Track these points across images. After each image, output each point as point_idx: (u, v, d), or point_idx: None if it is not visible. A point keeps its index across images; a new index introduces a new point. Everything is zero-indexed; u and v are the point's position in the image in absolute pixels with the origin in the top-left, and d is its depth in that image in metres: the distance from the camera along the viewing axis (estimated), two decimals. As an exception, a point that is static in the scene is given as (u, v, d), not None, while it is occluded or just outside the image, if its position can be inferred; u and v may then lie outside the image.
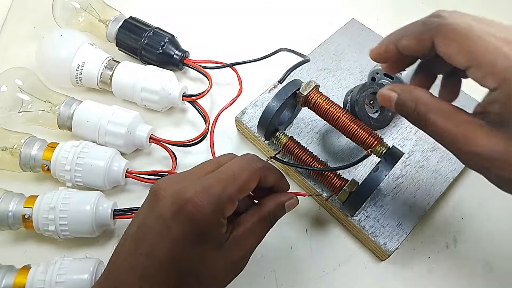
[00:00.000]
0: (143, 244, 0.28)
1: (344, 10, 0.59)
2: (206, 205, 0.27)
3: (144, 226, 0.28)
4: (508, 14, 0.62)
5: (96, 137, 0.43)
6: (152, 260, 0.27)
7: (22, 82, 0.44)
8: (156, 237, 0.27)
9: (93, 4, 0.51)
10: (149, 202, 0.29)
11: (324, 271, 0.40)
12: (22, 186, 0.41)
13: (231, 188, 0.28)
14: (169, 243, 0.27)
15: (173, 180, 0.30)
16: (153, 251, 0.27)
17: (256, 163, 0.30)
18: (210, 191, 0.27)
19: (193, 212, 0.27)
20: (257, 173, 0.30)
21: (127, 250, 0.28)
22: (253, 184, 0.30)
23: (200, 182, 0.28)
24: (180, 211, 0.27)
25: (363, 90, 0.41)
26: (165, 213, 0.27)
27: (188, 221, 0.27)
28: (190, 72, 0.53)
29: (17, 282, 0.34)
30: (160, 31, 0.50)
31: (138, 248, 0.28)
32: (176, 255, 0.27)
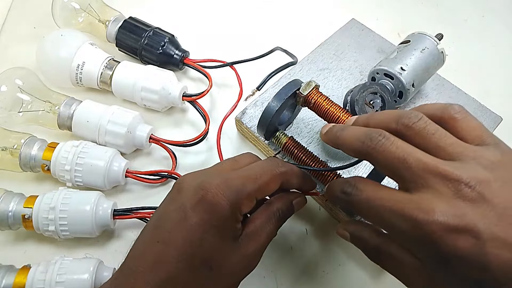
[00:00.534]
0: (161, 233, 0.28)
1: (344, 10, 0.59)
2: (225, 198, 0.28)
3: (164, 216, 0.29)
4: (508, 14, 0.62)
5: (96, 137, 0.43)
6: (168, 247, 0.28)
7: (22, 82, 0.44)
8: (174, 225, 0.28)
9: (93, 4, 0.51)
10: (172, 194, 0.30)
11: (324, 271, 0.40)
12: (22, 186, 0.41)
13: (250, 186, 0.29)
14: (186, 231, 0.28)
15: (196, 174, 0.31)
16: (170, 238, 0.28)
17: (279, 168, 0.31)
18: (230, 185, 0.28)
19: (212, 203, 0.28)
20: (279, 178, 0.31)
21: (145, 239, 0.29)
22: (273, 186, 0.31)
23: (222, 175, 0.29)
24: (200, 201, 0.28)
25: (363, 90, 0.41)
26: (186, 203, 0.28)
27: (207, 211, 0.28)
28: (190, 72, 0.53)
29: (17, 282, 0.34)
30: (160, 31, 0.50)
31: (156, 236, 0.28)
32: (192, 243, 0.28)
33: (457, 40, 0.58)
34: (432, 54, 0.43)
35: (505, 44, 0.59)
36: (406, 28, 0.57)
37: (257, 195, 0.30)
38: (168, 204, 0.30)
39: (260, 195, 0.30)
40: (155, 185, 0.44)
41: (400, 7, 0.62)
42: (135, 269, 0.28)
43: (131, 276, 0.28)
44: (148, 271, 0.27)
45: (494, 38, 0.59)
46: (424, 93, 0.49)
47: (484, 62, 0.57)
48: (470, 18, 0.61)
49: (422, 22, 0.60)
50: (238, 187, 0.28)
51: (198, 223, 0.28)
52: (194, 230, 0.28)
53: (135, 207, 0.40)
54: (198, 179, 0.30)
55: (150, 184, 0.44)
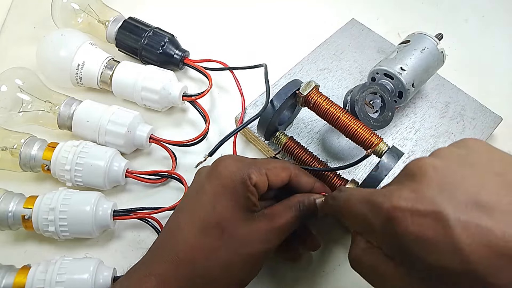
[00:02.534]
0: (182, 207, 0.33)
1: (344, 10, 0.59)
2: (234, 165, 0.31)
3: (186, 195, 0.34)
4: (508, 14, 0.62)
5: (96, 137, 0.43)
6: (185, 215, 0.31)
7: (22, 82, 0.44)
8: (193, 197, 0.32)
9: (92, 5, 0.51)
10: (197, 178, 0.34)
11: (324, 271, 0.40)
12: (22, 186, 0.41)
13: (260, 163, 0.32)
14: (202, 198, 0.31)
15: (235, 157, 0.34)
16: (188, 208, 0.32)
17: (288, 163, 0.35)
18: (242, 159, 0.33)
19: (222, 170, 0.31)
20: (288, 168, 0.34)
21: (169, 220, 0.33)
22: (283, 174, 0.33)
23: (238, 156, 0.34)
24: (212, 171, 0.32)
25: (363, 90, 0.41)
26: (202, 178, 0.32)
27: (217, 177, 0.31)
28: (190, 72, 0.53)
29: (17, 282, 0.34)
30: (160, 31, 0.50)
31: (177, 212, 0.33)
32: (204, 207, 0.31)
33: (457, 40, 0.58)
34: (432, 54, 0.43)
35: (505, 44, 0.59)
36: (406, 28, 0.57)
37: (268, 174, 0.32)
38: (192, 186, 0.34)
39: (271, 176, 0.32)
40: (155, 185, 0.44)
41: (400, 7, 0.62)
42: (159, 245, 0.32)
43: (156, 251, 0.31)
44: (168, 242, 0.31)
45: (494, 38, 0.59)
46: (424, 93, 0.49)
47: (484, 62, 0.57)
48: (470, 18, 0.61)
49: (422, 22, 0.60)
50: (248, 161, 0.32)
51: (211, 190, 0.31)
52: (208, 196, 0.31)
53: (135, 207, 0.40)
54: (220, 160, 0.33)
55: (150, 184, 0.44)
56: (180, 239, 0.30)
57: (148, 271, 0.29)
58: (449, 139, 0.46)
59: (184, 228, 0.31)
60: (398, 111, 0.47)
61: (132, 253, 0.40)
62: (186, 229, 0.30)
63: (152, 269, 0.30)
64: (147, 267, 0.30)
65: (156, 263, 0.30)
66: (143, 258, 0.32)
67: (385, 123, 0.41)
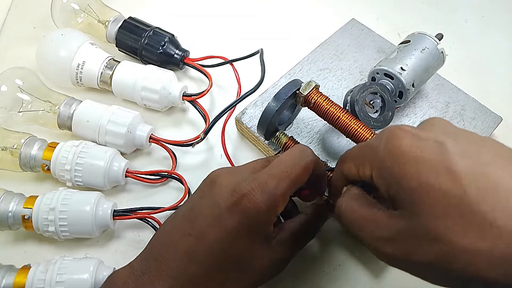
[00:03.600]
0: (194, 226, 0.29)
1: (344, 10, 0.59)
2: (261, 202, 0.28)
3: (197, 210, 0.30)
4: (508, 14, 0.62)
5: (96, 137, 0.43)
6: (200, 242, 0.28)
7: (22, 82, 0.44)
8: (208, 222, 0.29)
9: (92, 5, 0.51)
10: (204, 188, 0.31)
11: (324, 271, 0.40)
12: (22, 186, 0.41)
13: (283, 184, 0.29)
14: (220, 231, 0.28)
15: (229, 170, 0.32)
16: (204, 234, 0.29)
17: (308, 157, 0.31)
18: (265, 188, 0.29)
19: (249, 208, 0.28)
20: (310, 166, 0.31)
21: (175, 229, 0.30)
22: (305, 177, 0.31)
23: (255, 177, 0.29)
24: (236, 204, 0.28)
25: (363, 90, 0.41)
26: (221, 202, 0.29)
27: (243, 215, 0.28)
28: (190, 72, 0.53)
29: (17, 282, 0.34)
30: (160, 31, 0.50)
31: (188, 228, 0.29)
32: (224, 242, 0.28)
33: (457, 40, 0.58)
34: (432, 54, 0.43)
35: (505, 44, 0.59)
36: (406, 28, 0.57)
37: (291, 191, 0.30)
38: (201, 198, 0.30)
39: (294, 190, 0.30)
40: (155, 185, 0.44)
41: (400, 7, 0.62)
42: (168, 258, 0.29)
43: (162, 264, 0.29)
44: (180, 263, 0.28)
45: (494, 38, 0.59)
46: (424, 93, 0.49)
47: (484, 62, 0.57)
48: (470, 18, 0.61)
49: (422, 22, 0.60)
50: (273, 190, 0.29)
51: (233, 227, 0.28)
52: (228, 231, 0.28)
53: (135, 208, 0.40)
54: (233, 177, 0.30)
55: (150, 184, 0.44)
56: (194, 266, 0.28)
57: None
58: (449, 139, 0.46)
59: (200, 256, 0.28)
60: (398, 111, 0.47)
61: (132, 253, 0.40)
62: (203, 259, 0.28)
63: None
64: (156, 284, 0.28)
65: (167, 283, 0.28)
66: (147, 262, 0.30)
67: (385, 123, 0.41)
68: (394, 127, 0.25)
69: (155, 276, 0.28)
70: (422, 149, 0.23)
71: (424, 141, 0.23)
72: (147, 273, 0.28)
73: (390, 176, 0.24)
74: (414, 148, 0.23)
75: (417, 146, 0.23)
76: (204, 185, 0.31)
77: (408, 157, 0.23)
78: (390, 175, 0.24)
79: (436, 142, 0.23)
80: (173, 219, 0.31)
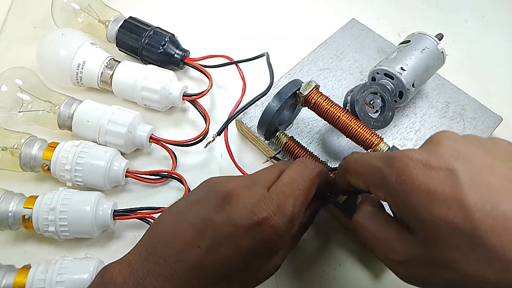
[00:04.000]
0: (204, 239, 0.28)
1: (344, 10, 0.59)
2: (281, 227, 0.28)
3: (209, 222, 0.28)
4: (508, 14, 0.62)
5: (97, 137, 0.43)
6: (210, 256, 0.28)
7: (22, 82, 0.44)
8: (222, 239, 0.28)
9: (92, 5, 0.51)
10: (218, 200, 0.29)
11: (324, 271, 0.40)
12: (22, 186, 0.41)
13: (298, 203, 0.30)
14: (235, 251, 0.28)
15: (244, 184, 0.30)
16: (216, 251, 0.28)
17: (314, 170, 0.32)
18: (284, 212, 0.29)
19: (269, 233, 0.28)
20: (317, 180, 0.32)
21: (181, 235, 0.29)
22: (313, 191, 0.32)
23: (272, 198, 0.29)
24: (255, 228, 0.28)
25: (363, 90, 0.41)
26: (238, 221, 0.28)
27: (262, 238, 0.28)
28: (190, 71, 0.53)
29: (17, 282, 0.34)
30: (160, 31, 0.50)
31: (198, 240, 0.28)
32: (236, 261, 0.28)
33: (457, 40, 0.58)
34: (432, 54, 0.43)
35: (505, 44, 0.59)
36: (406, 28, 0.57)
37: (304, 207, 0.31)
38: (214, 211, 0.29)
39: (306, 205, 0.31)
40: (155, 185, 0.44)
41: (400, 7, 0.62)
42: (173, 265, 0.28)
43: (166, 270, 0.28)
44: (186, 273, 0.28)
45: (494, 38, 0.59)
46: (424, 93, 0.49)
47: (484, 62, 0.57)
48: (470, 18, 0.61)
49: (422, 22, 0.60)
50: (291, 212, 0.29)
51: (248, 249, 0.28)
52: (242, 253, 0.28)
53: (135, 208, 0.40)
54: (250, 196, 0.29)
55: (150, 184, 0.44)
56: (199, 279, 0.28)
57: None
58: (449, 139, 0.46)
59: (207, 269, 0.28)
60: (398, 111, 0.47)
61: (132, 253, 0.40)
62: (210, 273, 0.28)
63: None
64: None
65: None
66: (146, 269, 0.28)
67: (385, 123, 0.41)
68: (405, 156, 0.25)
69: (157, 281, 0.28)
70: (433, 180, 0.23)
71: (435, 171, 0.23)
72: (149, 277, 0.28)
73: (404, 207, 0.25)
74: (426, 181, 0.23)
75: (428, 177, 0.23)
76: (218, 196, 0.30)
77: (420, 190, 0.23)
78: (403, 206, 0.25)
79: (447, 171, 0.23)
80: (177, 221, 0.30)
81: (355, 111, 0.40)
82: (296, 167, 0.32)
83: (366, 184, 0.29)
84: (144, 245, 0.30)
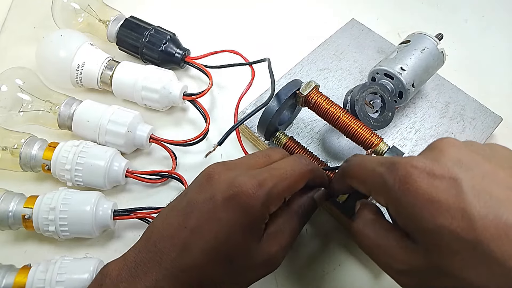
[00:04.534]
0: (190, 220, 0.29)
1: (344, 10, 0.59)
2: (258, 198, 0.28)
3: (193, 204, 0.29)
4: (508, 14, 0.62)
5: (97, 137, 0.43)
6: (195, 236, 0.28)
7: (22, 82, 0.44)
8: (204, 216, 0.28)
9: (92, 4, 0.51)
10: (201, 182, 0.30)
11: (324, 271, 0.40)
12: (22, 186, 0.41)
13: (281, 185, 0.29)
14: (216, 225, 0.28)
15: (226, 166, 0.31)
16: (199, 228, 0.28)
17: (307, 166, 0.32)
18: (263, 185, 0.28)
19: (246, 202, 0.28)
20: (307, 175, 0.31)
21: (171, 222, 0.30)
22: (301, 184, 0.31)
23: (254, 175, 0.29)
24: (233, 198, 0.28)
25: (363, 90, 0.41)
26: (217, 196, 0.28)
27: (239, 210, 0.28)
28: (191, 71, 0.53)
29: (18, 282, 0.34)
30: (161, 30, 0.50)
31: (184, 222, 0.29)
32: (218, 237, 0.28)
33: (457, 40, 0.58)
34: (432, 54, 0.43)
35: (505, 44, 0.59)
36: (406, 28, 0.57)
37: (286, 194, 0.30)
38: (197, 192, 0.30)
39: (289, 193, 0.31)
40: (155, 185, 0.44)
41: (400, 7, 0.62)
42: (162, 250, 0.28)
43: (157, 255, 0.28)
44: (174, 255, 0.28)
45: (494, 38, 0.59)
46: (424, 93, 0.49)
47: (484, 62, 0.57)
48: (470, 18, 0.61)
49: (422, 22, 0.60)
50: (270, 188, 0.28)
51: (228, 220, 0.28)
52: (222, 226, 0.28)
53: (135, 207, 0.40)
54: (230, 172, 0.30)
55: (150, 184, 0.44)
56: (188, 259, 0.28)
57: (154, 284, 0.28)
58: (449, 139, 0.46)
59: (195, 250, 0.28)
60: (398, 111, 0.47)
61: (132, 253, 0.40)
62: (197, 253, 0.28)
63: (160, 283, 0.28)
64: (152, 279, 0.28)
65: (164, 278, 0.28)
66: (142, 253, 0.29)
67: (385, 123, 0.41)
68: (408, 164, 0.25)
69: (148, 267, 0.28)
70: (437, 189, 0.23)
71: (439, 180, 0.23)
72: (141, 264, 0.29)
73: (406, 216, 0.25)
74: (429, 190, 0.23)
75: (432, 186, 0.23)
76: (201, 179, 0.31)
77: (424, 199, 0.23)
78: (406, 214, 0.25)
79: (450, 180, 0.23)
80: (169, 212, 0.31)
81: (355, 111, 0.40)
82: (289, 159, 0.32)
83: (367, 189, 0.29)
84: (140, 240, 0.31)
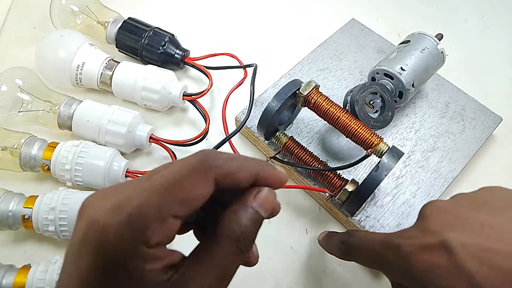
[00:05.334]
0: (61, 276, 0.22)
1: (344, 10, 0.59)
2: (114, 228, 0.19)
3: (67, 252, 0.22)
4: (508, 14, 0.62)
5: (96, 137, 0.43)
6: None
7: (22, 82, 0.44)
8: (67, 269, 0.22)
9: (90, 6, 0.51)
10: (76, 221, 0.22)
11: (324, 271, 0.40)
12: (22, 186, 0.41)
13: (157, 200, 0.20)
14: (76, 278, 0.20)
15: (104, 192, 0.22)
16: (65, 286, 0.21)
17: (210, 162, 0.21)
18: (124, 207, 0.20)
19: (97, 238, 0.20)
20: (208, 175, 0.21)
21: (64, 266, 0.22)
22: (201, 190, 0.20)
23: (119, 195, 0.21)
24: (87, 237, 0.20)
25: (363, 90, 0.41)
26: (77, 239, 0.21)
27: (93, 249, 0.20)
28: (190, 71, 0.53)
29: (17, 282, 0.34)
30: (160, 31, 0.50)
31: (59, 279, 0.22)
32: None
33: (457, 40, 0.58)
34: (432, 54, 0.43)
35: (505, 44, 0.59)
36: (406, 28, 0.57)
37: (175, 211, 0.20)
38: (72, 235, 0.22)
39: (183, 209, 0.20)
40: (155, 185, 0.44)
41: (400, 7, 0.62)
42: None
43: None
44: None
45: (494, 38, 0.59)
46: (424, 93, 0.49)
47: (484, 62, 0.57)
48: (470, 18, 0.61)
49: (422, 22, 0.60)
50: (133, 209, 0.19)
51: (87, 267, 0.20)
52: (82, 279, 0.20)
53: (135, 207, 0.40)
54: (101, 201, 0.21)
55: (150, 184, 0.44)
56: None
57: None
58: (449, 139, 0.46)
59: None
60: (398, 111, 0.47)
61: (132, 253, 0.40)
62: None
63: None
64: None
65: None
66: None
67: (385, 123, 0.41)
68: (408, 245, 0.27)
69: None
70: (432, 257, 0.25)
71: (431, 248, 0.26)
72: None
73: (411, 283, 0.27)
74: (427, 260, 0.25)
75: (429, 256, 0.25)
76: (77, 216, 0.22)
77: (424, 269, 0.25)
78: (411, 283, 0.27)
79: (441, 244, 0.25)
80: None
81: (355, 111, 0.40)
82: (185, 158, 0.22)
83: (372, 267, 0.32)
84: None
